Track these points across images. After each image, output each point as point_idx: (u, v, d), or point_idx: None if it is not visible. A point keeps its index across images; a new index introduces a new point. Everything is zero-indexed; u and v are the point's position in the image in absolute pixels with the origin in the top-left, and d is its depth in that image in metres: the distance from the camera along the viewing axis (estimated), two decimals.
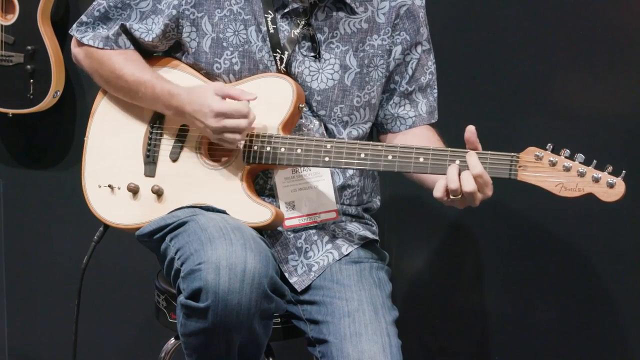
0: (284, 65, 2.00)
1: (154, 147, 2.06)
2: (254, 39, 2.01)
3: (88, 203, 2.09)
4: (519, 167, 1.81)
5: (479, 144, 1.83)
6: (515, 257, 2.67)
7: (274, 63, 2.01)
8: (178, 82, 2.03)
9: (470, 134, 1.83)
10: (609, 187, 1.76)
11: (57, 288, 3.01)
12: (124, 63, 2.03)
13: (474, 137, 1.83)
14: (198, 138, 2.03)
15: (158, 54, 2.11)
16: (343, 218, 2.09)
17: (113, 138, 2.09)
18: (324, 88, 2.03)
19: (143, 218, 2.03)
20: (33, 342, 3.10)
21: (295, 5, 2.00)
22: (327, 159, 1.92)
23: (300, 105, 1.99)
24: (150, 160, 2.05)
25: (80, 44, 2.09)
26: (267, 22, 2.00)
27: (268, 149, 1.95)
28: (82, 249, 2.21)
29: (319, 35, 2.02)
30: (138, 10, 2.04)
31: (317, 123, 2.04)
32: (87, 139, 2.12)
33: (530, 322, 2.67)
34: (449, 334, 2.76)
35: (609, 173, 1.77)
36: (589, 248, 2.59)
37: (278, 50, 2.00)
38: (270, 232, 2.02)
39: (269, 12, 2.00)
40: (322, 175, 2.04)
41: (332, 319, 1.93)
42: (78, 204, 2.14)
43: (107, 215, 2.08)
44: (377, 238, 2.16)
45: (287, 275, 2.01)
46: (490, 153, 1.83)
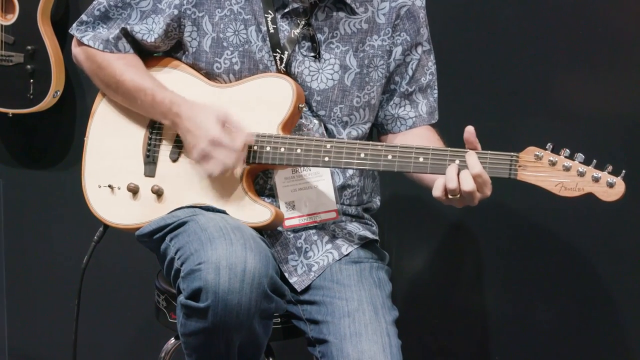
0: (284, 65, 2.00)
1: (154, 147, 2.06)
2: (254, 39, 2.01)
3: (88, 203, 2.09)
4: (519, 166, 1.81)
5: (478, 144, 1.83)
6: (515, 257, 2.67)
7: (274, 63, 2.01)
8: (179, 82, 2.03)
9: (469, 135, 1.83)
10: (609, 186, 1.76)
11: (57, 288, 3.01)
12: (125, 69, 2.03)
13: (473, 137, 1.83)
14: None
15: (158, 54, 2.11)
16: (343, 218, 2.09)
17: (113, 138, 2.09)
18: (324, 88, 2.03)
19: (143, 218, 2.03)
20: (33, 342, 3.10)
21: (296, 5, 2.00)
22: (326, 159, 1.92)
23: (300, 105, 1.99)
24: (150, 161, 2.05)
25: (80, 44, 2.08)
26: (267, 22, 2.00)
27: (268, 149, 1.95)
28: (82, 249, 2.21)
29: (319, 36, 2.02)
30: (138, 10, 2.04)
31: (316, 123, 2.04)
32: (87, 139, 2.11)
33: (530, 322, 2.67)
34: (449, 334, 2.76)
35: (609, 173, 1.77)
36: (589, 248, 2.59)
37: (278, 50, 2.00)
38: (270, 232, 2.02)
39: (269, 12, 2.00)
40: (322, 175, 2.04)
41: (332, 319, 1.93)
42: (78, 204, 2.14)
43: (107, 216, 2.08)
44: (377, 238, 2.16)
45: (287, 275, 2.01)
46: (490, 153, 1.83)
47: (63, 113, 2.90)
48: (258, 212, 1.95)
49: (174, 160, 2.03)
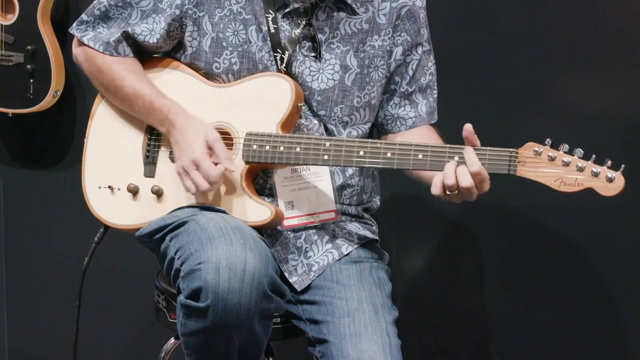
0: (285, 65, 2.00)
1: (154, 147, 2.06)
2: (254, 39, 2.01)
3: (88, 204, 2.09)
4: (518, 162, 1.80)
5: (477, 141, 1.83)
6: (515, 256, 2.67)
7: (274, 63, 2.01)
8: (179, 83, 2.04)
9: (468, 133, 1.82)
10: (608, 181, 1.75)
11: (57, 288, 3.01)
12: (125, 74, 2.03)
13: (472, 135, 1.82)
14: None
15: (158, 55, 2.11)
16: (343, 218, 2.08)
17: (113, 139, 2.09)
18: (324, 88, 2.03)
19: (143, 218, 2.03)
20: (33, 342, 3.10)
21: (296, 5, 2.00)
22: (326, 157, 1.92)
23: (299, 104, 1.99)
24: (150, 161, 2.05)
25: (81, 44, 2.08)
26: (267, 21, 2.00)
27: (267, 148, 1.95)
28: (82, 249, 2.21)
29: (320, 36, 2.02)
30: (139, 9, 2.04)
31: (317, 123, 2.04)
32: (86, 140, 2.11)
33: (530, 322, 2.67)
34: (449, 334, 2.76)
35: (608, 167, 1.76)
36: (589, 248, 2.59)
37: (279, 50, 2.00)
38: (270, 231, 2.02)
39: (270, 11, 2.00)
40: (321, 176, 2.04)
41: (332, 319, 1.93)
42: (78, 204, 2.14)
43: (107, 216, 2.08)
44: (377, 238, 2.16)
45: (287, 275, 2.01)
46: (489, 149, 1.82)
47: (63, 113, 2.90)
48: (258, 211, 1.95)
49: (174, 161, 2.03)
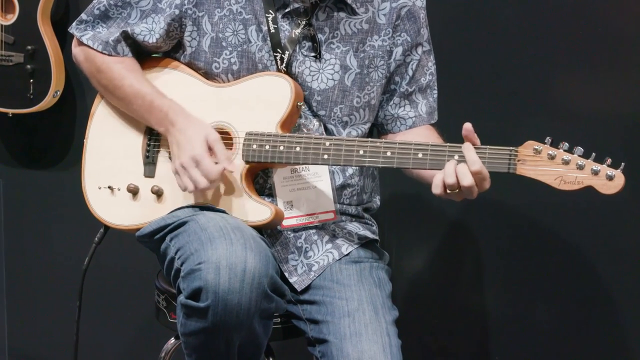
0: (285, 65, 2.00)
1: (154, 147, 2.06)
2: (254, 39, 2.01)
3: (88, 204, 2.09)
4: (518, 161, 1.80)
5: (477, 140, 1.83)
6: (515, 256, 2.67)
7: (274, 63, 2.01)
8: (179, 83, 2.04)
9: (468, 132, 1.82)
10: (608, 179, 1.75)
11: (57, 288, 3.01)
12: (125, 73, 2.03)
13: (472, 134, 1.82)
14: None
15: (158, 55, 2.11)
16: (343, 218, 2.08)
17: (112, 139, 2.09)
18: (324, 88, 2.03)
19: (143, 219, 2.03)
20: (33, 342, 3.10)
21: (296, 5, 2.00)
22: (325, 157, 1.92)
23: (299, 104, 1.99)
24: (150, 161, 2.05)
25: (80, 43, 2.08)
26: (267, 21, 2.00)
27: (267, 147, 1.95)
28: (82, 249, 2.21)
29: (320, 36, 2.02)
30: (138, 9, 2.04)
31: (316, 123, 2.04)
32: (86, 140, 2.11)
33: (530, 322, 2.67)
34: (449, 334, 2.76)
35: (608, 166, 1.76)
36: (589, 248, 2.58)
37: (279, 50, 2.00)
38: (270, 231, 2.02)
39: (270, 11, 2.00)
40: (321, 176, 2.04)
41: (332, 319, 1.93)
42: (78, 204, 2.14)
43: (107, 217, 2.08)
44: (377, 238, 2.16)
45: (287, 275, 2.01)
46: (489, 147, 1.82)
47: (63, 113, 2.90)
48: (258, 210, 1.95)
49: None
